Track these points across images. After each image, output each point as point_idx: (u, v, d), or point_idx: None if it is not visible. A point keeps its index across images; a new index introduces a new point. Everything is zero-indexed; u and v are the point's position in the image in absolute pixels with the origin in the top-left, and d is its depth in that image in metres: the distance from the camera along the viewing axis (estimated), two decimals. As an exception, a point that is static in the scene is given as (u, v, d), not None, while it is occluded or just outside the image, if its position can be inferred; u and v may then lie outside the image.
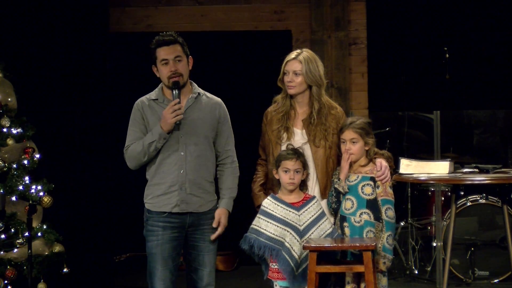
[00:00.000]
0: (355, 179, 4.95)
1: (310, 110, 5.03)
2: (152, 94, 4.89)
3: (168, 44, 4.76)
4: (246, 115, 5.50)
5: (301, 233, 4.86)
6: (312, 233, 4.86)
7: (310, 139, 4.99)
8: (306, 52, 5.05)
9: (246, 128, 5.26)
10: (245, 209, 5.22)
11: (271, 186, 5.08)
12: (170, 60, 4.75)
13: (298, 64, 5.00)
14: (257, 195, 5.09)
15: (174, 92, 4.74)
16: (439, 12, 8.25)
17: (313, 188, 5.01)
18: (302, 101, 5.06)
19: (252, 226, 4.91)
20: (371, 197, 4.92)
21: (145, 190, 4.88)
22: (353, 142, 4.95)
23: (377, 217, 4.90)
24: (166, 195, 4.77)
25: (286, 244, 4.83)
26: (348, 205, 4.95)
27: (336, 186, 4.93)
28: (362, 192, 4.92)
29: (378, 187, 4.91)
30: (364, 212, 4.91)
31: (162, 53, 4.76)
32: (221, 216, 4.86)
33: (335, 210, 4.99)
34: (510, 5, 7.96)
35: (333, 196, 4.95)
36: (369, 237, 4.86)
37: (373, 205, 4.91)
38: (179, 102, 4.71)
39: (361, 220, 4.90)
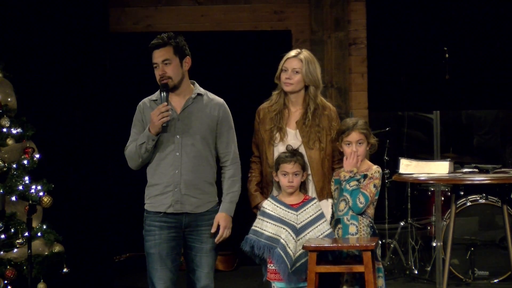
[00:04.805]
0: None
1: (304, 110, 5.02)
2: (154, 95, 4.90)
3: (158, 48, 4.78)
4: (246, 115, 5.49)
5: (297, 231, 4.86)
6: (309, 232, 4.87)
7: (304, 141, 4.99)
8: (306, 52, 5.06)
9: (246, 128, 5.25)
10: (245, 210, 5.21)
11: (266, 185, 5.08)
12: (158, 63, 4.78)
13: (298, 62, 5.00)
14: (253, 195, 5.08)
15: (162, 94, 4.78)
16: (439, 12, 8.24)
17: (310, 189, 5.01)
18: (296, 101, 5.06)
19: (252, 227, 4.93)
20: (355, 188, 4.91)
21: (145, 191, 4.89)
22: (359, 143, 4.95)
23: (362, 212, 4.92)
24: (162, 195, 4.78)
25: (282, 241, 4.83)
26: (341, 206, 4.97)
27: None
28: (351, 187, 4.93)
29: (364, 181, 4.91)
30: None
31: (153, 56, 4.80)
32: (219, 220, 4.81)
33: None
34: (510, 5, 7.96)
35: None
36: (366, 236, 4.88)
37: None
38: (167, 105, 4.72)
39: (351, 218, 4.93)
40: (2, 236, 5.86)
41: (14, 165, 6.04)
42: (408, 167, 5.47)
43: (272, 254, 4.85)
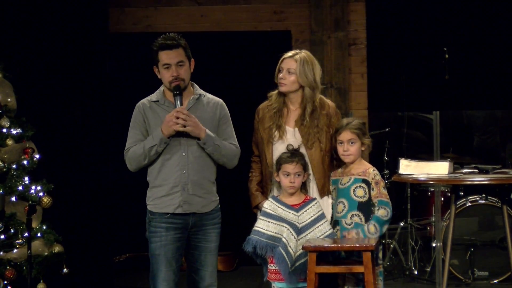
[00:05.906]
0: (348, 182, 4.96)
1: (302, 111, 5.03)
2: (153, 96, 4.89)
3: (171, 48, 4.73)
4: (246, 115, 5.49)
5: (299, 231, 4.87)
6: (310, 232, 4.88)
7: (304, 141, 4.99)
8: (304, 53, 5.06)
9: (246, 128, 5.26)
10: (244, 210, 5.20)
11: (265, 184, 5.08)
12: (172, 65, 4.74)
13: (293, 62, 5.01)
14: (254, 195, 5.09)
15: (177, 98, 4.73)
16: (439, 12, 8.24)
17: (311, 187, 5.02)
18: (295, 100, 5.07)
19: (254, 228, 4.93)
20: (363, 199, 4.91)
21: (148, 192, 4.87)
22: (351, 143, 4.96)
23: (368, 219, 4.90)
24: (169, 196, 4.77)
25: (283, 239, 4.84)
26: (340, 208, 4.97)
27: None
28: (354, 195, 4.92)
29: (373, 189, 4.90)
30: (355, 214, 4.91)
31: (165, 57, 4.74)
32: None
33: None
34: (510, 5, 7.96)
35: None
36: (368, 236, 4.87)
37: (364, 208, 4.91)
38: (184, 108, 4.71)
39: (352, 222, 4.91)
40: (2, 236, 5.86)
41: (14, 166, 6.03)
42: (408, 167, 5.47)
43: (273, 253, 4.85)
